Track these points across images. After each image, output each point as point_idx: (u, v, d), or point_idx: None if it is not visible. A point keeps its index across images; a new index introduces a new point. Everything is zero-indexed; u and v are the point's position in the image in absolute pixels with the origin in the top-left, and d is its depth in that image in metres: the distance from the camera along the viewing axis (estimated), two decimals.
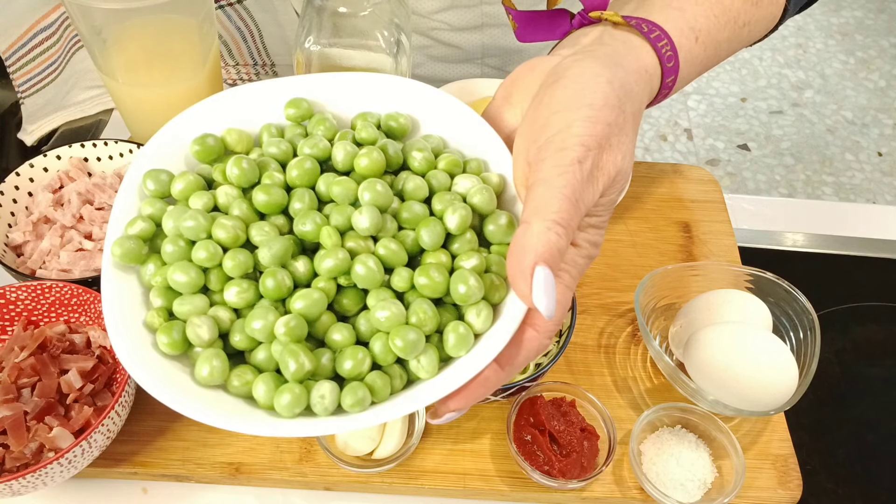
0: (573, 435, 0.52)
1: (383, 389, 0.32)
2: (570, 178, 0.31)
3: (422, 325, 0.33)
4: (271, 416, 0.32)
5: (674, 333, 0.59)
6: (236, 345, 0.33)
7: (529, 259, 0.30)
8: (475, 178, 0.37)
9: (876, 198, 1.86)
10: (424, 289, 0.33)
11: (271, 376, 0.32)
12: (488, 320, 0.33)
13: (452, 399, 0.32)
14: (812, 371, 0.53)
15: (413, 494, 0.54)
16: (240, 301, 0.33)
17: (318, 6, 0.53)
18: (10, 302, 0.54)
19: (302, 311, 0.32)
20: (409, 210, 0.35)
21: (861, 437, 0.62)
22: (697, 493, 0.51)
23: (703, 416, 0.54)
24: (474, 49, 0.72)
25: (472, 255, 0.34)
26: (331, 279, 0.34)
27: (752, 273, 0.60)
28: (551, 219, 0.31)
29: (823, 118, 2.05)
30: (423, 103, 0.40)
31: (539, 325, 0.33)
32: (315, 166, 0.36)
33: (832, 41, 2.28)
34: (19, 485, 0.45)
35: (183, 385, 0.32)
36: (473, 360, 0.32)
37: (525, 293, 0.30)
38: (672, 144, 1.98)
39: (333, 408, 0.32)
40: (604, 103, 0.34)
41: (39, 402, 0.50)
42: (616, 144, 0.34)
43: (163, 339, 0.33)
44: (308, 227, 0.34)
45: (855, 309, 0.70)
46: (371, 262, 0.33)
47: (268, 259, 0.33)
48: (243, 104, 0.39)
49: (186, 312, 0.33)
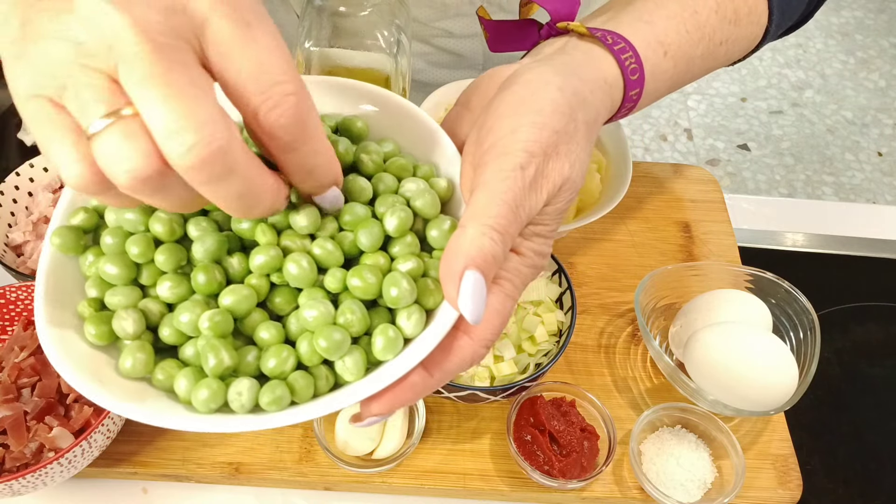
0: (573, 435, 0.52)
1: (305, 390, 0.32)
2: (510, 184, 0.31)
3: (349, 326, 0.32)
4: (189, 412, 0.32)
5: (674, 333, 0.59)
6: (165, 339, 0.33)
7: (460, 263, 0.30)
8: (422, 182, 0.36)
9: (876, 198, 1.86)
10: (356, 290, 0.33)
11: (193, 370, 0.32)
12: (420, 325, 0.33)
13: (375, 401, 0.32)
14: (812, 371, 0.53)
15: (413, 494, 0.54)
16: (171, 296, 0.33)
17: (318, 6, 0.53)
18: (10, 302, 0.54)
19: (230, 306, 0.32)
20: (351, 211, 0.35)
21: (861, 437, 0.62)
22: (697, 493, 0.52)
23: (703, 416, 0.54)
24: (475, 56, 0.73)
25: (410, 258, 0.34)
26: (263, 276, 0.34)
27: (752, 273, 0.60)
28: (488, 224, 0.30)
29: (823, 118, 2.05)
30: (381, 107, 0.40)
31: (473, 332, 0.32)
32: None
33: (832, 41, 2.28)
34: (19, 485, 0.45)
35: (106, 377, 0.32)
36: (400, 363, 0.32)
37: (453, 297, 0.30)
38: (672, 144, 1.98)
39: (251, 405, 0.32)
40: (552, 110, 0.33)
41: (39, 402, 0.50)
42: (564, 153, 0.33)
43: (90, 330, 0.33)
44: (245, 225, 0.34)
45: (855, 309, 0.70)
46: (304, 261, 0.33)
47: (201, 254, 0.33)
48: None
49: (116, 304, 0.33)
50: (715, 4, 0.44)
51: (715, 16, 0.44)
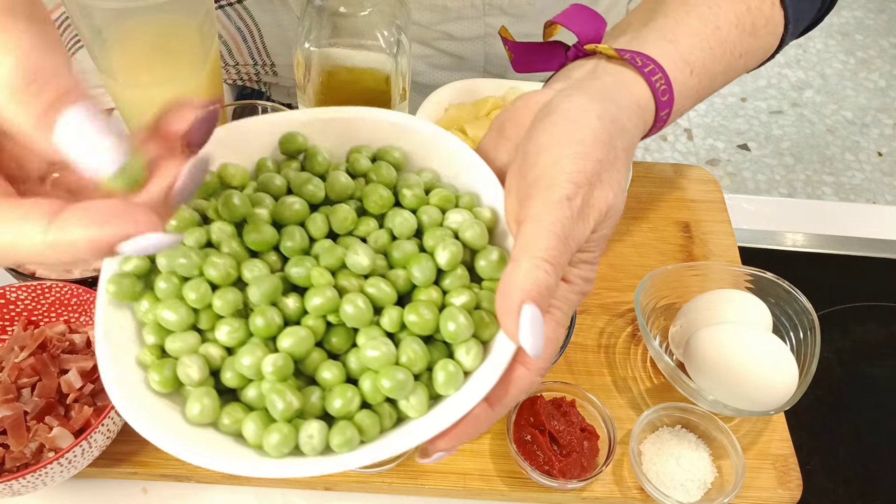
0: (573, 435, 0.52)
1: (372, 428, 0.32)
2: (559, 216, 0.31)
3: (411, 364, 0.32)
4: (261, 456, 0.32)
5: (674, 333, 0.59)
6: (227, 382, 0.33)
7: (517, 297, 0.30)
8: (467, 213, 0.37)
9: (876, 198, 1.86)
10: (414, 327, 0.33)
11: (260, 415, 0.32)
12: (478, 358, 0.33)
13: (442, 439, 0.32)
14: (812, 371, 0.53)
15: (413, 494, 0.54)
16: (230, 340, 0.33)
17: (318, 6, 0.53)
18: (10, 302, 0.54)
19: (289, 349, 0.32)
20: (400, 248, 0.35)
21: (861, 437, 0.62)
22: (697, 493, 0.52)
23: (703, 416, 0.54)
24: (476, 58, 0.73)
25: (463, 291, 0.34)
26: (320, 317, 0.34)
27: (752, 273, 0.60)
28: (540, 256, 0.30)
29: (823, 118, 2.05)
30: (417, 138, 0.40)
31: (529, 363, 0.32)
32: (305, 207, 0.36)
33: (832, 41, 2.28)
34: (19, 485, 0.45)
35: (174, 425, 0.32)
36: (463, 398, 0.32)
37: (513, 332, 0.30)
38: (672, 144, 1.98)
39: (322, 447, 0.32)
40: (594, 139, 0.33)
41: (39, 402, 0.50)
42: (607, 181, 0.33)
43: (154, 378, 0.33)
44: (300, 272, 0.34)
45: (855, 309, 0.70)
46: (360, 300, 0.33)
47: (257, 297, 0.33)
48: (239, 139, 0.39)
49: (178, 350, 0.33)
50: (735, 19, 0.44)
51: (735, 30, 0.44)
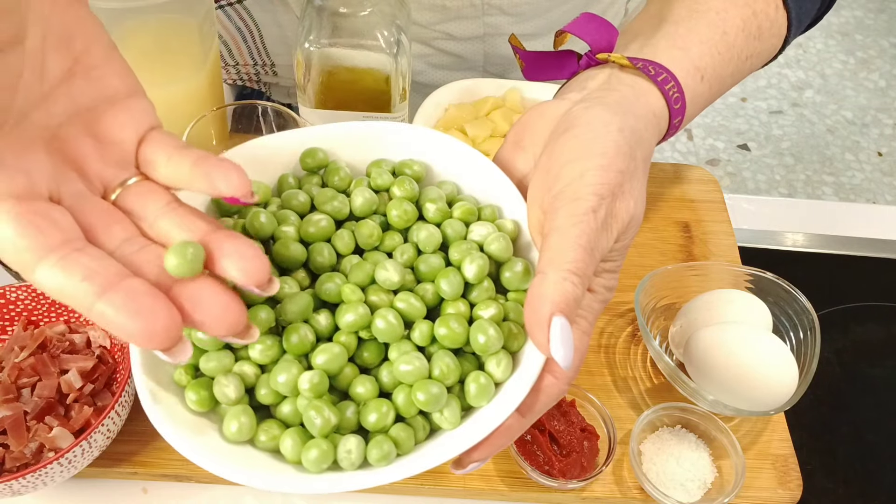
0: (573, 435, 0.52)
1: (407, 441, 0.33)
2: (584, 228, 0.32)
3: (444, 378, 0.33)
4: (299, 472, 0.32)
5: (674, 333, 0.59)
6: (262, 399, 0.34)
7: (546, 309, 0.30)
8: (491, 226, 0.37)
9: (876, 198, 1.86)
10: (445, 340, 0.34)
11: (297, 431, 0.33)
12: (508, 369, 0.34)
13: (476, 450, 0.33)
14: (812, 371, 0.53)
15: (413, 494, 0.54)
16: (264, 358, 0.33)
17: (318, 6, 0.53)
18: (10, 302, 0.54)
19: (324, 365, 0.33)
20: (427, 263, 0.36)
21: (861, 437, 0.62)
22: (697, 493, 0.52)
23: (703, 416, 0.54)
24: (476, 57, 0.73)
25: (491, 304, 0.35)
26: (352, 333, 0.34)
27: (752, 273, 0.60)
28: (567, 268, 0.31)
29: (823, 118, 2.05)
30: (436, 150, 0.41)
31: (558, 372, 0.33)
32: (330, 224, 0.37)
33: (832, 41, 2.28)
34: (19, 485, 0.45)
35: (213, 444, 0.33)
36: (495, 409, 0.33)
37: (543, 343, 0.31)
38: (672, 144, 1.98)
39: (360, 462, 0.32)
40: (616, 152, 0.34)
41: (39, 402, 0.50)
42: (628, 191, 0.34)
43: (192, 397, 0.33)
44: (331, 288, 0.35)
45: (855, 309, 0.70)
46: (391, 316, 0.34)
47: (292, 314, 0.34)
48: (259, 155, 0.40)
49: (213, 369, 0.33)
50: (741, 23, 0.45)
51: (742, 34, 0.45)
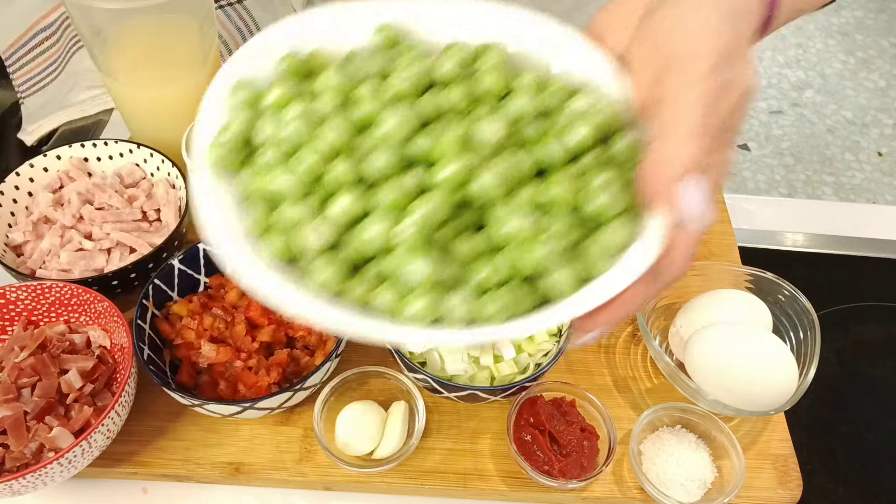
0: (573, 435, 0.52)
1: (523, 301, 0.30)
2: (703, 88, 0.31)
3: (559, 237, 0.30)
4: (395, 325, 0.29)
5: (674, 333, 0.59)
6: (349, 254, 0.31)
7: (676, 170, 0.30)
8: (593, 97, 0.35)
9: (876, 198, 1.86)
10: (559, 199, 0.31)
11: (396, 283, 0.30)
12: (628, 235, 0.32)
13: (601, 314, 0.31)
14: (812, 371, 0.53)
15: (413, 494, 0.54)
16: (351, 209, 0.31)
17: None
18: (10, 302, 0.54)
19: (424, 217, 0.30)
20: (532, 126, 0.33)
21: (861, 437, 0.61)
22: (697, 493, 0.51)
23: (703, 416, 0.54)
24: None
25: (604, 168, 0.33)
26: (453, 189, 0.31)
27: (752, 273, 0.60)
28: (688, 131, 0.30)
29: (823, 118, 2.05)
30: (522, 28, 0.38)
31: (682, 235, 0.31)
32: (413, 86, 0.34)
33: (832, 41, 2.28)
34: (19, 485, 0.45)
35: (299, 293, 0.30)
36: (617, 276, 0.30)
37: (674, 204, 0.30)
38: None
39: (468, 318, 0.30)
40: (719, 20, 0.33)
41: (39, 402, 0.50)
42: (740, 57, 0.33)
43: (272, 245, 0.30)
44: (425, 142, 0.32)
45: (855, 309, 0.70)
46: (498, 168, 0.31)
47: (385, 163, 0.31)
48: (327, 27, 0.37)
49: (293, 219, 0.31)
50: None
51: None
